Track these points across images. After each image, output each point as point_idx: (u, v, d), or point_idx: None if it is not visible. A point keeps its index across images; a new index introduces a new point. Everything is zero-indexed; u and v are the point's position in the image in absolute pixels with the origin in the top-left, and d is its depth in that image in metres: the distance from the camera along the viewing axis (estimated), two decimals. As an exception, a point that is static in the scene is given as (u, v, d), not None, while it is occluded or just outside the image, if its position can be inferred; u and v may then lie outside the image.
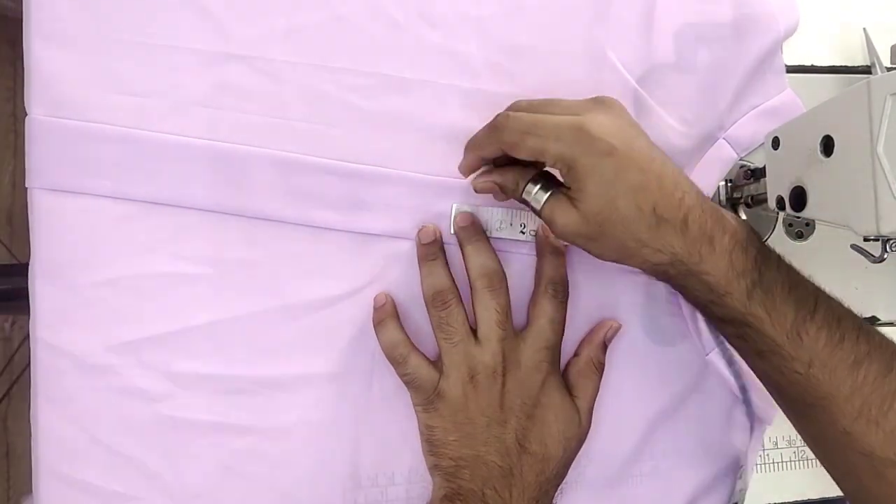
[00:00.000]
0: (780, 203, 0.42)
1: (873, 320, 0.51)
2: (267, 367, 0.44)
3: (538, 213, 0.41)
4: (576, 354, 0.46)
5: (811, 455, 0.42)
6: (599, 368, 0.45)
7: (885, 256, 0.38)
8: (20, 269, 0.44)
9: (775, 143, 0.43)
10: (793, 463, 0.50)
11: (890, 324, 0.51)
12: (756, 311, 0.38)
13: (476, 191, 0.43)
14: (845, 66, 0.51)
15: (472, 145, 0.43)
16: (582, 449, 0.44)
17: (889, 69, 0.49)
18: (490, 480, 0.40)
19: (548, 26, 0.46)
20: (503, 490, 0.40)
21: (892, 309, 0.51)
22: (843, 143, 0.37)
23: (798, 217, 0.41)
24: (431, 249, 0.44)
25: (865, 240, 0.37)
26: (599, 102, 0.40)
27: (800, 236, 0.50)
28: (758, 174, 0.46)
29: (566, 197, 0.40)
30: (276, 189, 0.43)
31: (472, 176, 0.43)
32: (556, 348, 0.43)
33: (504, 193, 0.43)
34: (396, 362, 0.43)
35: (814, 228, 0.50)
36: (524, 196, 0.41)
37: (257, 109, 0.43)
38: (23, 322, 1.08)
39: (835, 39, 0.51)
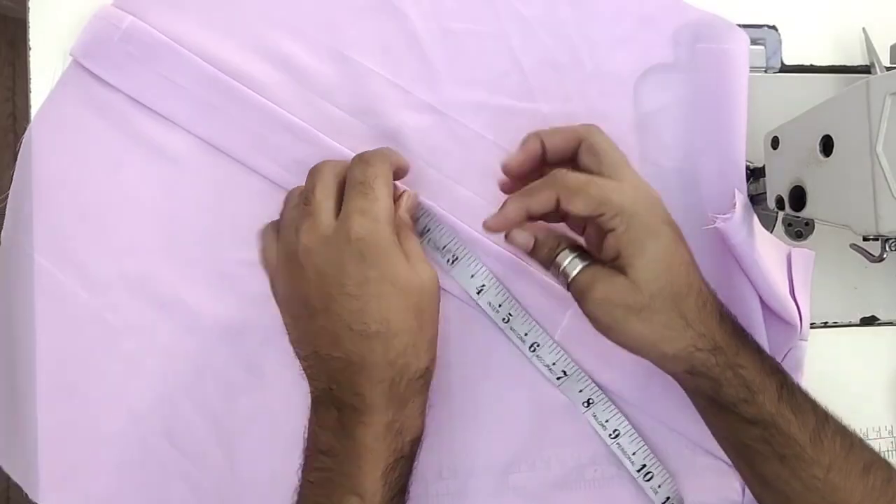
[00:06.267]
0: (780, 202, 0.42)
1: (873, 320, 0.51)
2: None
3: (567, 284, 0.39)
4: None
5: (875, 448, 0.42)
6: (407, 226, 0.41)
7: (885, 256, 0.39)
8: (20, 269, 0.44)
9: (775, 142, 0.43)
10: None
11: (890, 323, 0.51)
12: (785, 412, 0.37)
13: (512, 241, 0.40)
14: (844, 66, 0.51)
15: (524, 193, 0.39)
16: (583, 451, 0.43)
17: (888, 69, 0.49)
18: (333, 375, 0.37)
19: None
20: (348, 382, 0.36)
21: (892, 309, 0.51)
22: (843, 143, 0.37)
23: (797, 216, 0.41)
24: None
25: (865, 239, 0.37)
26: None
27: (799, 236, 0.50)
28: (757, 174, 0.46)
29: (608, 267, 0.37)
30: None
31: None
32: (375, 218, 0.36)
33: (535, 253, 0.40)
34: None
35: (813, 228, 0.50)
36: (558, 260, 0.39)
37: (435, 164, 0.45)
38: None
39: (834, 39, 0.51)
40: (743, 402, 0.37)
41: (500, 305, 0.45)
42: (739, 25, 0.46)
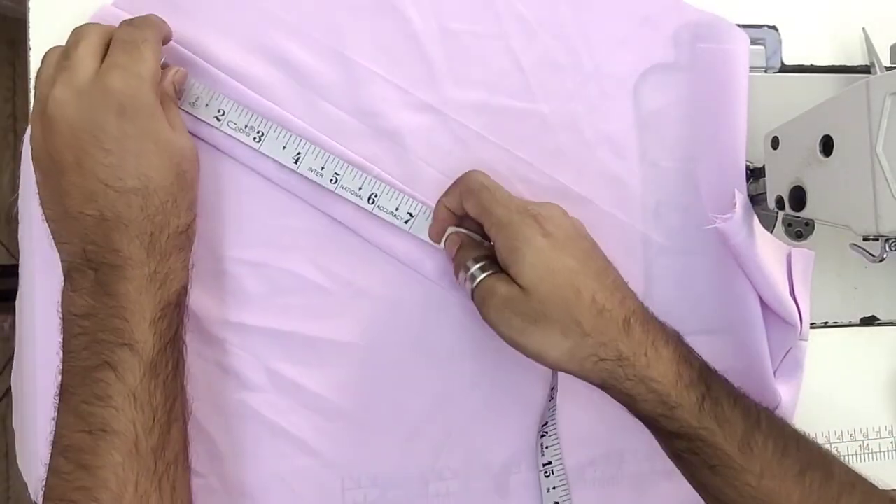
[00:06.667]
0: (780, 203, 0.42)
1: (873, 320, 0.51)
2: (355, 404, 0.45)
3: (472, 294, 0.40)
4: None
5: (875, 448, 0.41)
6: (169, 97, 0.40)
7: (885, 256, 0.39)
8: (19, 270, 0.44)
9: (775, 142, 0.43)
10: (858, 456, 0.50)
11: (890, 323, 0.51)
12: (708, 424, 0.37)
13: (447, 243, 0.42)
14: (845, 66, 0.51)
15: (445, 192, 0.43)
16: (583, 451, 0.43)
17: (888, 69, 0.49)
18: (87, 234, 0.36)
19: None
20: (104, 239, 0.36)
21: (892, 309, 0.51)
22: (843, 143, 0.37)
23: (797, 217, 0.41)
24: None
25: (865, 239, 0.37)
26: (563, 211, 0.41)
27: (799, 236, 0.50)
28: (757, 174, 0.46)
29: (507, 275, 0.38)
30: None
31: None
32: (138, 75, 0.36)
33: (456, 257, 0.42)
34: None
35: (813, 228, 0.50)
36: (467, 265, 0.40)
37: (435, 164, 0.45)
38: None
39: (834, 39, 0.51)
40: (661, 416, 0.37)
41: (322, 168, 0.43)
42: (739, 25, 0.47)
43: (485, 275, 0.39)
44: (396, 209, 0.43)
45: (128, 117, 0.36)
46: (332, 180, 0.43)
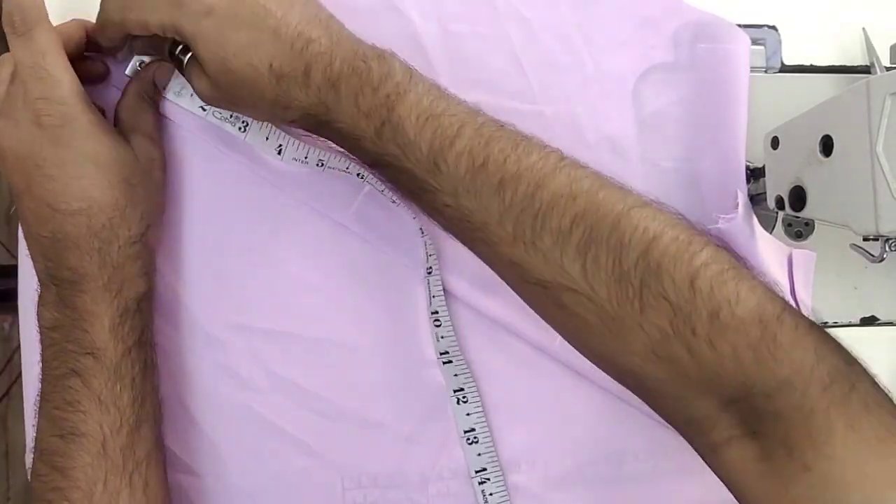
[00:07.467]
0: (780, 203, 0.42)
1: (873, 320, 0.51)
2: (355, 403, 0.44)
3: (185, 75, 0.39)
4: (123, 94, 0.42)
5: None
6: (149, 101, 0.42)
7: (885, 256, 0.39)
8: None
9: (774, 142, 0.43)
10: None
11: (890, 323, 0.51)
12: (389, 149, 0.36)
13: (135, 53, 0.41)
14: (844, 66, 0.51)
15: (93, 32, 0.40)
16: (580, 450, 0.43)
17: (888, 69, 0.49)
18: (46, 253, 0.38)
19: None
20: (58, 258, 0.37)
21: (892, 309, 0.51)
22: (843, 143, 0.37)
23: (797, 217, 0.41)
24: None
25: (865, 239, 0.37)
26: None
27: (799, 236, 0.50)
28: (757, 174, 0.46)
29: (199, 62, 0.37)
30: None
31: None
32: (61, 101, 0.37)
33: (160, 54, 0.40)
34: None
35: (813, 228, 0.50)
36: (172, 51, 0.39)
37: None
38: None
39: (834, 39, 0.51)
40: (351, 149, 0.38)
41: (306, 157, 0.43)
42: (739, 25, 0.47)
43: (187, 57, 0.38)
44: (383, 191, 0.43)
45: (64, 144, 0.37)
46: (318, 164, 0.43)
